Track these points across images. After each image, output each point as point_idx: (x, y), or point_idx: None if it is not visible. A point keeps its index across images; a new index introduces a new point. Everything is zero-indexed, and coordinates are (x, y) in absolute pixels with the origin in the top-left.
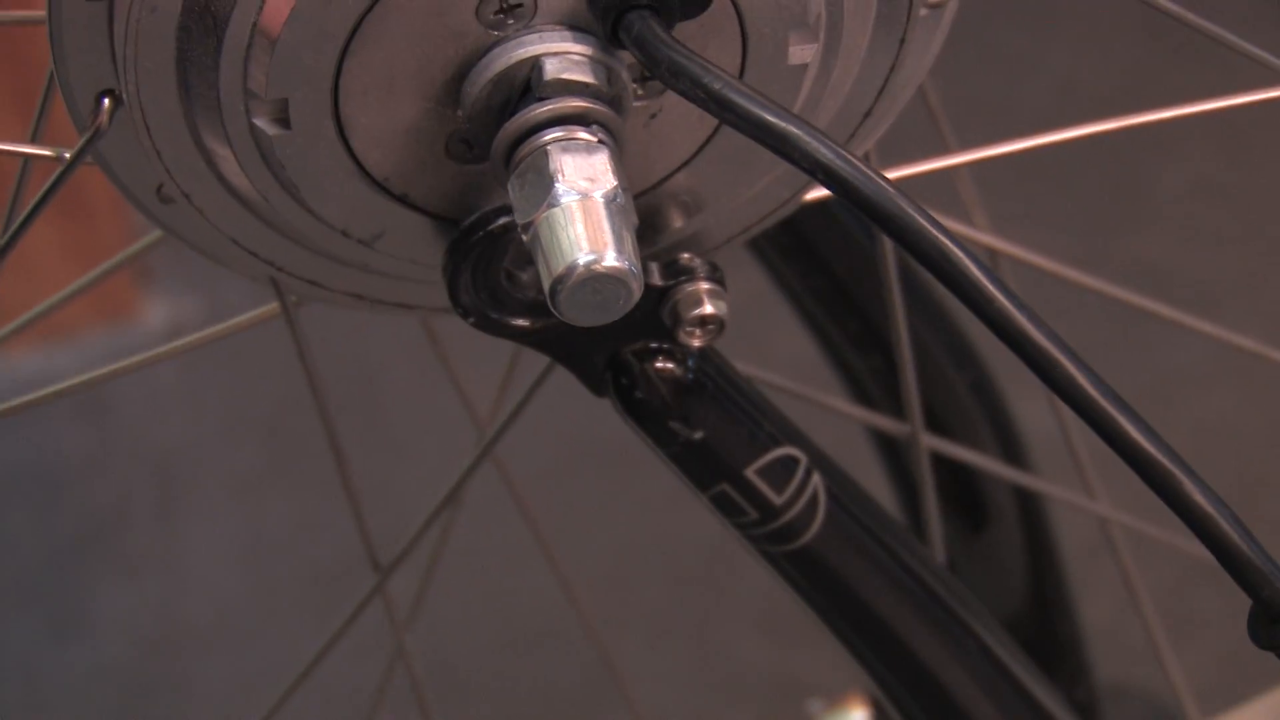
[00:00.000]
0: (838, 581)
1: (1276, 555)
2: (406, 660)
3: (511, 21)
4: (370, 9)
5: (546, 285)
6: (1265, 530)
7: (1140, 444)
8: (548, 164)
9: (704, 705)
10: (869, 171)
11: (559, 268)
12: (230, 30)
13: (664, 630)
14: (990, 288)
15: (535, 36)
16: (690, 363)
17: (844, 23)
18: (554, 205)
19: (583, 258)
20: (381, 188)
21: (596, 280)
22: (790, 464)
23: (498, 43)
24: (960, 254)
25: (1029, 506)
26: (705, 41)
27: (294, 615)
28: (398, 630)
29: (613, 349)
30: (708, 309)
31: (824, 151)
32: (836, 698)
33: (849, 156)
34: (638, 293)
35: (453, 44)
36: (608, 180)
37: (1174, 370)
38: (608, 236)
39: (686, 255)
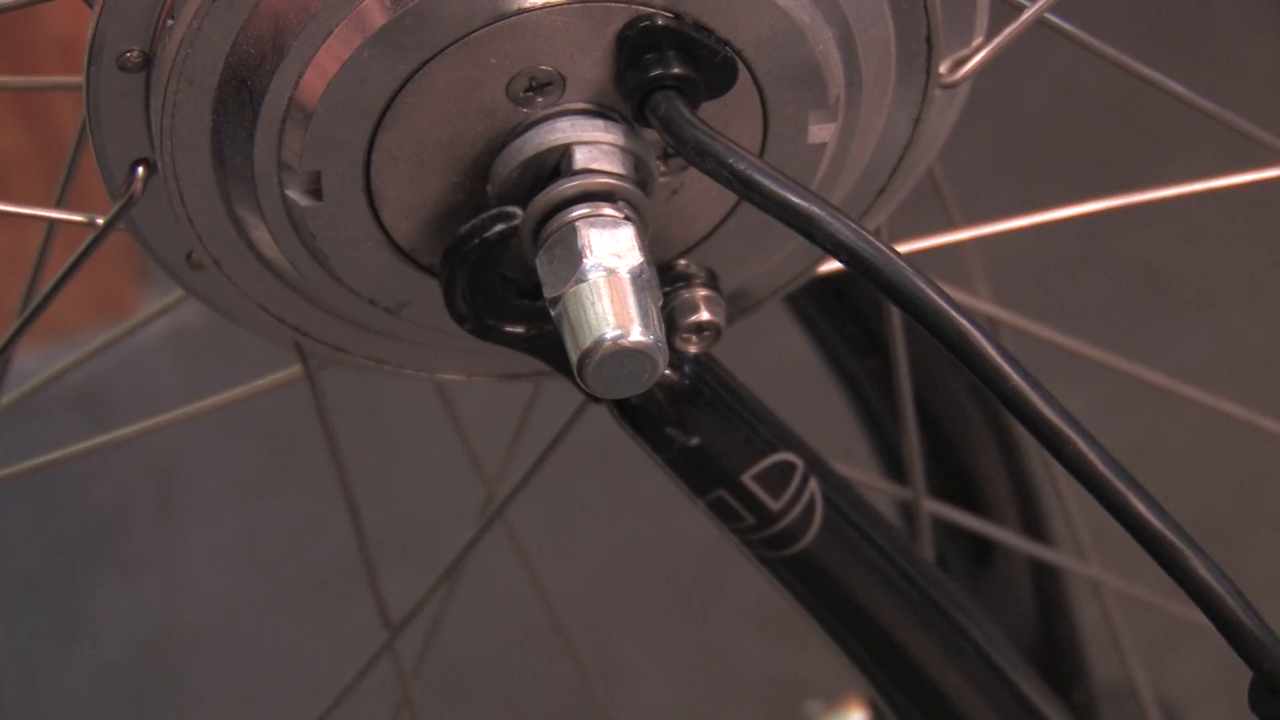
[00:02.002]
0: (834, 586)
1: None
2: (414, 709)
3: (540, 99)
4: (404, 85)
5: (574, 358)
6: (1268, 527)
7: (1148, 520)
8: (575, 239)
9: (704, 705)
10: (889, 252)
11: (586, 342)
12: (266, 104)
13: (664, 630)
14: (1006, 367)
15: (567, 122)
16: (686, 369)
17: (862, 104)
18: (582, 280)
19: (610, 333)
20: (409, 258)
21: (623, 355)
22: (787, 469)
23: (528, 123)
24: (977, 334)
25: (1029, 510)
26: (728, 120)
27: (293, 615)
28: (405, 682)
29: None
30: (704, 315)
31: (845, 232)
32: (835, 699)
33: (870, 237)
34: (663, 366)
35: (483, 121)
36: (634, 256)
37: (1178, 369)
38: (634, 312)
39: (683, 262)
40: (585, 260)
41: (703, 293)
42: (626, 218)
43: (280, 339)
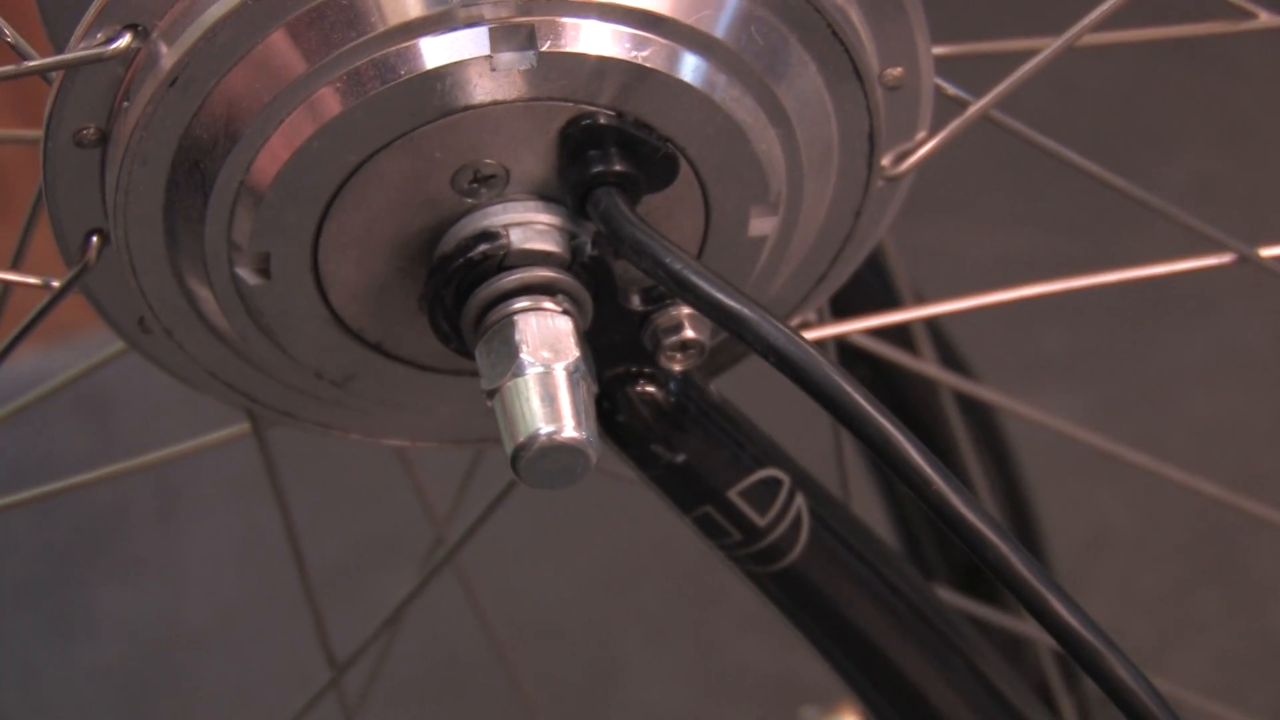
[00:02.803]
0: (823, 601)
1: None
2: None
3: (485, 191)
4: (352, 175)
5: (509, 450)
6: (1268, 528)
7: (1068, 622)
8: (513, 333)
9: (703, 705)
10: (818, 357)
11: (521, 436)
12: (217, 186)
13: (663, 630)
14: (929, 471)
15: (501, 206)
16: (672, 386)
17: (804, 197)
18: (518, 375)
19: (544, 428)
20: (356, 336)
21: (556, 450)
22: (773, 485)
23: (470, 210)
24: (901, 439)
25: (1020, 512)
26: (670, 211)
27: (292, 616)
28: (348, 715)
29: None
30: (688, 333)
31: (775, 335)
32: (831, 705)
33: (799, 341)
34: (594, 460)
35: (428, 210)
36: (570, 352)
37: (1176, 369)
38: (567, 408)
39: None
40: (522, 355)
41: (687, 310)
42: (565, 311)
43: (230, 402)
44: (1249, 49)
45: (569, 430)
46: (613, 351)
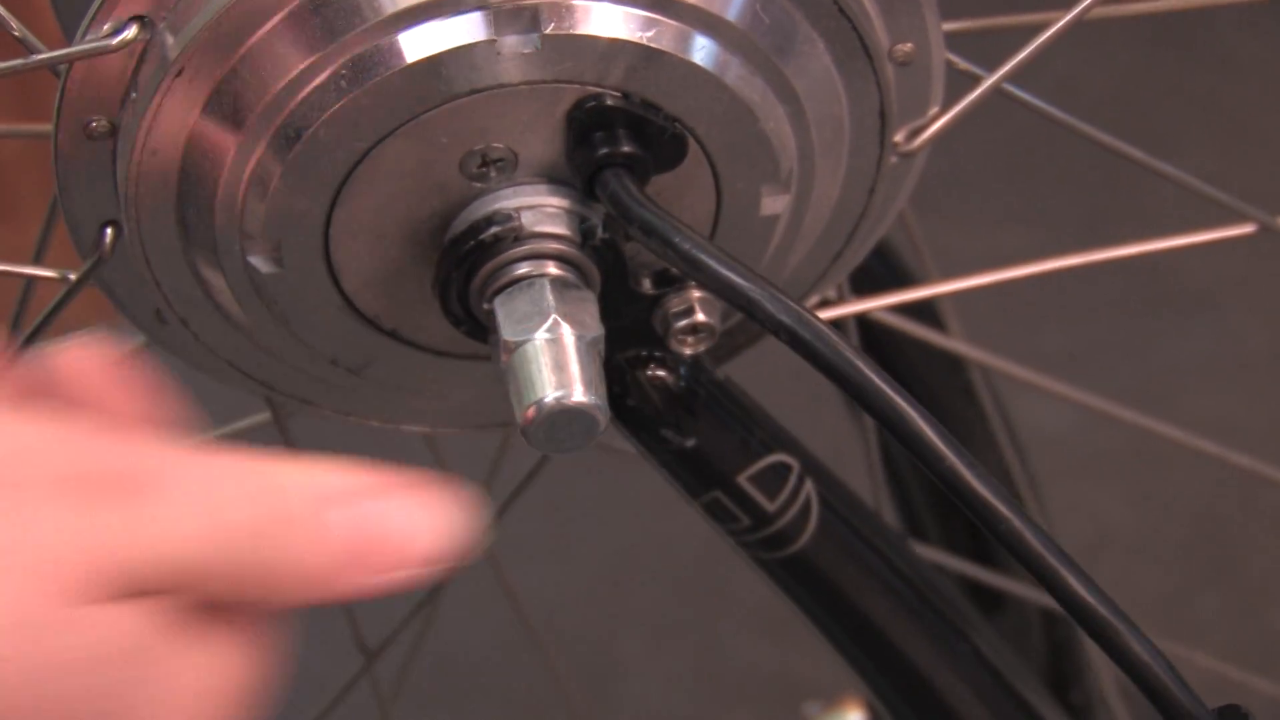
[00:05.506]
0: (831, 587)
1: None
2: None
3: (494, 175)
4: (359, 162)
5: (518, 415)
6: (1267, 526)
7: (1079, 595)
8: (521, 302)
9: (704, 705)
10: (830, 335)
11: (530, 400)
12: (227, 175)
13: (664, 630)
14: (942, 446)
15: (512, 190)
16: (682, 370)
17: (815, 175)
18: (529, 341)
19: (552, 393)
20: (371, 323)
21: (565, 414)
22: (783, 471)
23: (479, 194)
24: (914, 414)
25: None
26: (681, 192)
27: (292, 615)
28: (383, 706)
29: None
30: (699, 317)
31: (786, 314)
32: (834, 700)
33: (810, 319)
34: (603, 425)
35: (437, 195)
36: (580, 319)
37: (1176, 366)
38: (576, 374)
39: None
40: (532, 321)
41: (697, 294)
42: (575, 281)
43: (250, 391)
44: (1249, 48)
45: (578, 395)
46: (623, 335)
